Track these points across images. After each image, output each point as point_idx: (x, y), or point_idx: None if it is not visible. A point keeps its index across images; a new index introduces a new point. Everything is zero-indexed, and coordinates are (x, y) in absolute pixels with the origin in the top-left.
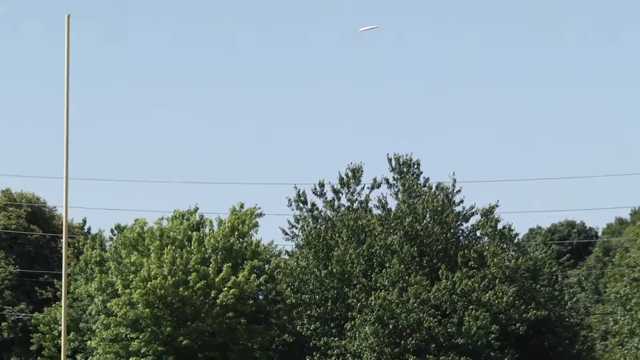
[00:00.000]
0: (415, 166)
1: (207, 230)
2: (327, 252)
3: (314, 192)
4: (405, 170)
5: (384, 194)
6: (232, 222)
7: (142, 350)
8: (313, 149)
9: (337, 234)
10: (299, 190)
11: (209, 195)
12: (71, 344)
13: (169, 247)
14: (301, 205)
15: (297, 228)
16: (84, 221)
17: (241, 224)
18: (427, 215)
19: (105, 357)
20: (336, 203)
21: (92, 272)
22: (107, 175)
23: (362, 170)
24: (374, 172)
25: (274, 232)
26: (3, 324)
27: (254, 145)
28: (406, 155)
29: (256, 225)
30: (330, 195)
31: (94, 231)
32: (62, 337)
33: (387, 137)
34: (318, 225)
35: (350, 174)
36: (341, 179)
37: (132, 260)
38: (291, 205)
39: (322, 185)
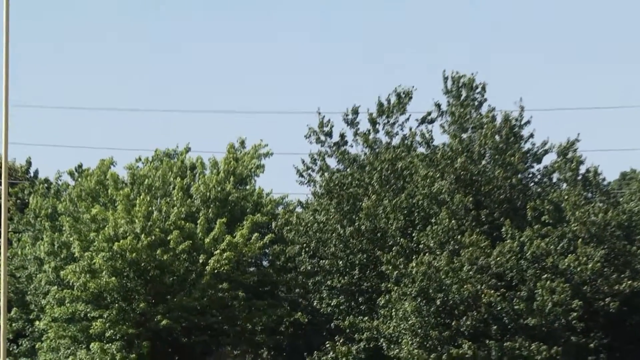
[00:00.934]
0: (479, 90)
1: (197, 176)
2: (354, 202)
3: (344, 120)
4: (465, 95)
5: (428, 127)
6: (229, 165)
7: (108, 334)
8: (340, 72)
9: (368, 179)
10: (322, 118)
11: (200, 130)
12: (13, 324)
13: (142, 197)
14: (324, 138)
15: (315, 170)
16: (29, 162)
17: (241, 166)
18: (487, 154)
19: (57, 343)
20: (371, 136)
21: (41, 230)
22: (60, 101)
23: (411, 96)
24: (423, 105)
25: (285, 179)
26: None
27: (264, 69)
28: (471, 75)
29: (260, 168)
30: (365, 126)
31: (42, 175)
32: (1, 317)
33: (441, 54)
34: (344, 166)
35: (394, 99)
36: (380, 105)
37: (93, 214)
38: (310, 136)
39: (355, 112)
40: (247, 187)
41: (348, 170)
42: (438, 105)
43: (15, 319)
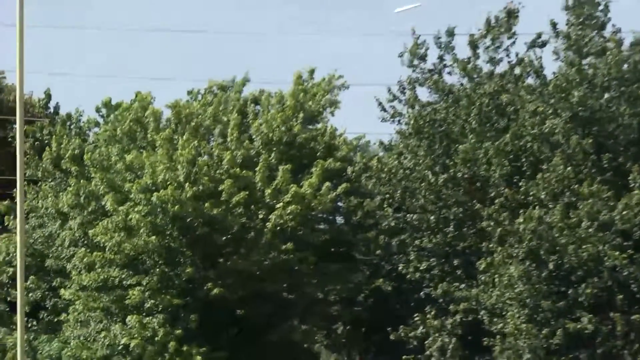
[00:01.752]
0: (601, 8)
1: (259, 113)
2: (448, 144)
3: (436, 44)
4: (585, 12)
5: (538, 53)
6: (297, 99)
7: (147, 305)
8: None
9: (465, 116)
10: (417, 38)
11: (262, 58)
12: (31, 295)
13: (185, 137)
14: (417, 62)
15: (402, 101)
16: (48, 95)
17: (310, 101)
18: (611, 87)
19: (87, 316)
20: (470, 64)
21: (64, 178)
22: (86, 21)
23: (517, 15)
24: (530, 25)
25: (362, 118)
26: None
27: None
28: None
29: (335, 104)
30: (464, 53)
31: (64, 111)
32: (18, 285)
33: None
34: (439, 97)
35: (503, 17)
36: (487, 23)
37: (129, 160)
38: (402, 55)
39: (451, 33)
40: (318, 126)
41: (442, 104)
42: (554, 25)
43: (32, 288)
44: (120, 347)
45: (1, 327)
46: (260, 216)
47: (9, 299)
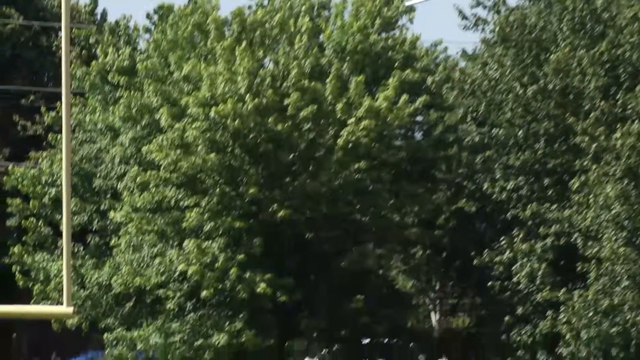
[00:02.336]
0: None
1: (330, 19)
2: (538, 53)
3: None
4: None
5: None
6: (374, 4)
7: (207, 228)
8: None
9: (557, 22)
10: None
11: None
12: (77, 218)
13: (244, 45)
14: None
15: (487, 7)
16: (94, 1)
17: (387, 8)
18: None
19: (140, 240)
20: None
21: (112, 91)
22: None
23: None
24: None
25: (441, 27)
26: None
27: None
28: None
29: (412, 12)
30: None
31: (112, 18)
32: (64, 206)
33: None
34: (527, 3)
35: None
36: None
37: (186, 71)
38: None
39: None
40: (396, 33)
41: (532, 8)
42: None
43: (78, 211)
44: (176, 274)
45: (45, 253)
46: (331, 132)
47: (53, 222)
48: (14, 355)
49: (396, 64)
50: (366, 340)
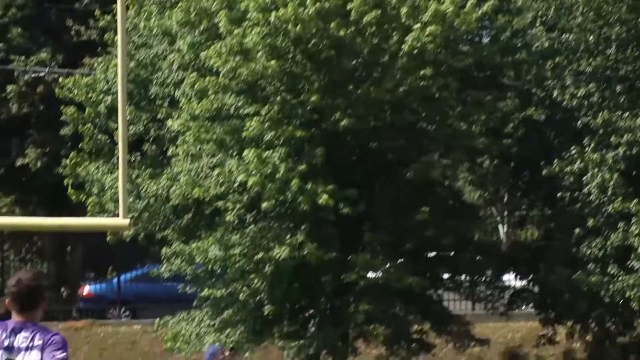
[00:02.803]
0: None
1: None
2: None
3: None
4: None
5: None
6: None
7: (267, 137)
8: None
9: None
10: None
11: None
12: (132, 127)
13: None
14: None
15: None
16: None
17: None
18: None
19: (198, 149)
20: None
21: None
22: None
23: None
24: None
25: None
26: (9, 89)
27: None
28: None
29: None
30: None
31: None
32: (119, 114)
33: None
34: None
35: None
36: None
37: None
38: None
39: None
40: None
41: None
42: None
43: (134, 120)
44: (236, 185)
45: (101, 162)
46: (395, 38)
47: (108, 131)
48: (68, 269)
49: None
50: (432, 254)
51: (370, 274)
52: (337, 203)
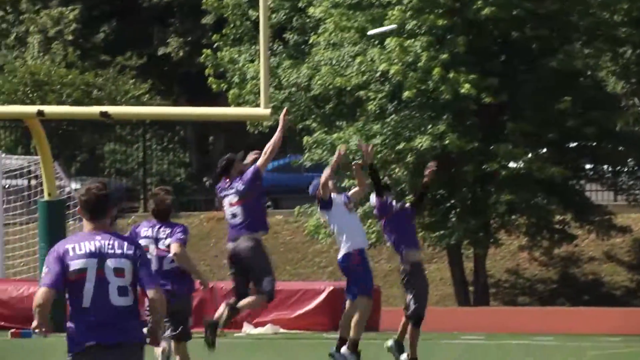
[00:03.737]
0: None
1: None
2: None
3: None
4: None
5: None
6: None
7: (409, 26)
8: None
9: None
10: None
11: None
12: (274, 15)
13: None
14: None
15: None
16: None
17: None
18: None
19: (340, 37)
20: None
21: None
22: None
23: None
24: None
25: None
26: None
27: None
28: None
29: None
30: None
31: None
32: (260, 3)
33: None
34: None
35: None
36: None
37: None
38: None
39: None
40: None
41: None
42: None
43: (275, 8)
44: (377, 74)
45: (244, 47)
46: None
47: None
48: (210, 159)
49: None
50: (573, 144)
51: (512, 164)
52: (479, 92)
